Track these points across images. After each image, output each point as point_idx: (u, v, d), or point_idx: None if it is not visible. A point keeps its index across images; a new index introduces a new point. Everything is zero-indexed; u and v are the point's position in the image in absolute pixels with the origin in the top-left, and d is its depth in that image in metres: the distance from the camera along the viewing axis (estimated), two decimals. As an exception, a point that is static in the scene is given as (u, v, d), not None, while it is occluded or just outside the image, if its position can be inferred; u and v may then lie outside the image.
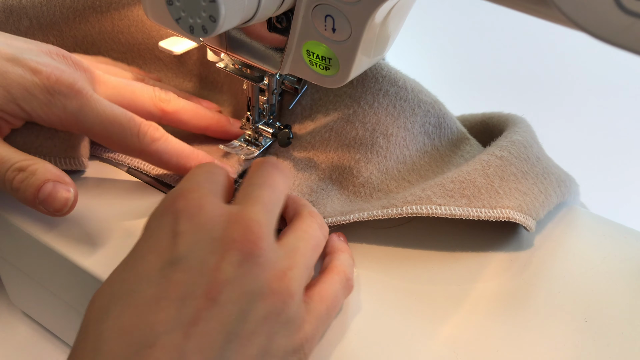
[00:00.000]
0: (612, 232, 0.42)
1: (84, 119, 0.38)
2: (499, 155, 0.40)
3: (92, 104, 0.38)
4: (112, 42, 0.50)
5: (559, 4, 0.24)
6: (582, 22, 0.24)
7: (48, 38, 0.48)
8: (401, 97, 0.44)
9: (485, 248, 0.40)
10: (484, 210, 0.37)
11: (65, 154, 0.41)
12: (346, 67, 0.36)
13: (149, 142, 0.39)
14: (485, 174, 0.39)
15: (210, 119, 0.45)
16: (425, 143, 0.45)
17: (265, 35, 0.38)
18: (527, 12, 0.30)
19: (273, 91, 0.44)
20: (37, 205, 0.36)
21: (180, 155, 0.41)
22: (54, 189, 0.35)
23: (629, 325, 0.35)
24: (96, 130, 0.38)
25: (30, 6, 0.46)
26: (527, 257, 0.39)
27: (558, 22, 0.28)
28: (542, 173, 0.41)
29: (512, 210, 0.38)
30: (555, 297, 0.37)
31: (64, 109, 0.37)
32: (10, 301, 0.50)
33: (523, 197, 0.39)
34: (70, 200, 0.36)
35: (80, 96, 0.37)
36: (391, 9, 0.35)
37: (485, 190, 0.38)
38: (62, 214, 0.36)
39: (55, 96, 0.37)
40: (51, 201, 0.35)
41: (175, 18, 0.32)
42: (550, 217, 0.43)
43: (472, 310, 0.35)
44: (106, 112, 0.38)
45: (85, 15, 0.48)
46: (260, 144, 0.45)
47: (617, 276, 0.38)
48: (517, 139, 0.42)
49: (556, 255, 0.40)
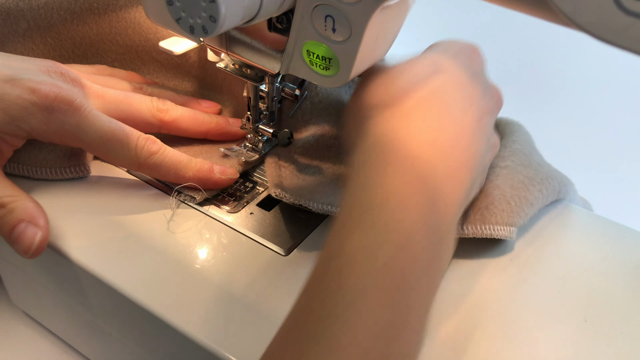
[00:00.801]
0: (612, 232, 0.42)
1: (82, 134, 0.38)
2: (502, 165, 0.41)
3: (90, 119, 0.38)
4: (111, 44, 0.50)
5: (559, 4, 0.24)
6: (582, 22, 0.24)
7: (46, 40, 0.48)
8: None
9: (485, 248, 0.40)
10: (496, 227, 0.38)
11: (69, 163, 0.42)
12: (346, 67, 0.36)
13: (147, 156, 0.40)
14: (495, 185, 0.40)
15: (209, 123, 0.46)
16: None
17: (265, 35, 0.38)
18: (527, 12, 0.30)
19: (273, 98, 0.44)
20: (11, 244, 0.36)
21: (178, 167, 0.41)
22: (24, 230, 0.36)
23: (629, 325, 0.35)
24: (95, 145, 0.39)
25: (28, 9, 0.46)
26: (527, 257, 0.39)
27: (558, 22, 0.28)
28: (546, 178, 0.42)
29: (515, 230, 0.39)
30: (555, 297, 0.37)
31: (63, 125, 0.38)
32: (10, 301, 0.50)
33: (530, 208, 0.40)
34: (34, 244, 0.36)
35: (79, 113, 0.38)
36: (391, 9, 0.35)
37: (498, 202, 0.39)
38: (28, 257, 0.36)
39: (53, 114, 0.37)
40: (19, 242, 0.36)
41: (176, 18, 0.32)
42: (550, 218, 0.43)
43: (472, 310, 0.35)
44: (104, 127, 0.39)
45: (83, 17, 0.48)
46: (260, 150, 0.45)
47: (617, 276, 0.38)
48: (517, 148, 0.43)
49: (556, 255, 0.40)
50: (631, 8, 0.23)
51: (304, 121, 0.46)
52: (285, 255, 0.38)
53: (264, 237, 0.40)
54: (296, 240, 0.39)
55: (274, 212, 0.42)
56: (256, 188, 0.44)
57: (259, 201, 0.43)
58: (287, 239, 0.39)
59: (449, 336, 0.34)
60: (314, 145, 0.45)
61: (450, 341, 0.34)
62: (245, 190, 0.44)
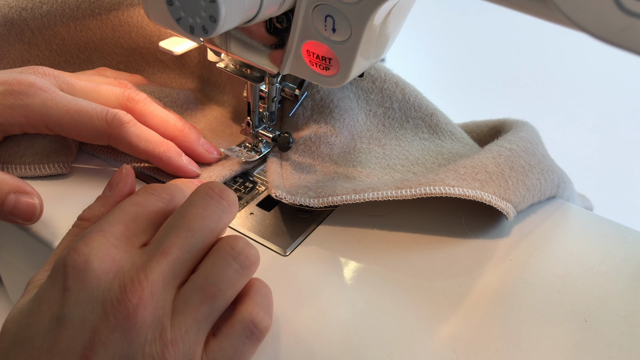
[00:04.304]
0: (612, 232, 0.42)
1: (48, 112, 0.39)
2: (508, 147, 0.42)
3: (55, 97, 0.39)
4: (115, 47, 0.51)
5: (559, 4, 0.24)
6: (582, 22, 0.24)
7: (51, 47, 0.49)
8: (389, 117, 0.47)
9: (485, 248, 0.40)
10: (494, 197, 0.38)
11: (47, 160, 0.42)
12: (346, 67, 0.36)
13: (118, 124, 0.40)
14: (496, 162, 0.40)
15: (178, 130, 0.43)
16: (424, 145, 0.47)
17: (265, 35, 0.38)
18: (527, 12, 0.30)
19: (273, 99, 0.44)
20: (3, 218, 0.36)
21: (149, 141, 0.41)
22: (17, 200, 0.36)
23: (629, 325, 0.35)
24: (63, 122, 0.39)
25: (31, 18, 0.47)
26: (527, 256, 0.39)
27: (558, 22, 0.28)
28: (546, 170, 0.43)
29: (514, 208, 0.39)
30: (555, 297, 0.37)
31: (28, 107, 0.39)
32: (10, 301, 0.50)
33: (526, 192, 0.41)
34: (37, 207, 0.37)
35: (41, 92, 0.39)
36: (391, 9, 0.35)
37: (497, 177, 0.40)
38: (32, 222, 0.37)
39: (17, 96, 0.38)
40: (18, 212, 0.36)
41: (176, 18, 0.32)
42: (550, 218, 0.43)
43: (472, 310, 0.35)
44: (70, 103, 0.39)
45: (85, 23, 0.49)
46: (260, 151, 0.45)
47: (617, 276, 0.38)
48: (524, 136, 0.44)
49: (556, 255, 0.40)
50: (631, 8, 0.23)
51: (305, 117, 0.46)
52: (285, 255, 0.38)
53: (264, 237, 0.40)
54: (296, 240, 0.39)
55: (274, 212, 0.42)
56: (256, 188, 0.44)
57: (259, 201, 0.43)
58: (287, 239, 0.39)
59: (449, 336, 0.34)
60: (316, 143, 0.45)
61: (450, 341, 0.34)
62: (245, 191, 0.44)
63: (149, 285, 0.28)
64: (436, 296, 0.36)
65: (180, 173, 0.42)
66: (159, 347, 0.28)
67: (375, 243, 0.40)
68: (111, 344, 0.27)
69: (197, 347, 0.29)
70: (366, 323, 0.34)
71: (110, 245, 0.29)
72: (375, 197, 0.38)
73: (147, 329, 0.28)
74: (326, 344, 0.33)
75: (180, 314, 0.29)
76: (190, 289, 0.29)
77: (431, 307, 0.35)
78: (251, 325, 0.30)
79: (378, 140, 0.46)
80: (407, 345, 0.33)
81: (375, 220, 0.41)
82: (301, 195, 0.40)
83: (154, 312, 0.28)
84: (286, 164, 0.44)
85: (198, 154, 0.43)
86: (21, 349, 0.28)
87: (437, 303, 0.36)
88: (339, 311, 0.35)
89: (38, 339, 0.28)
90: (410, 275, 0.37)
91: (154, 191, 0.33)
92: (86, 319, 0.28)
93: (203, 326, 0.29)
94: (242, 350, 0.30)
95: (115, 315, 0.27)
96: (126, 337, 0.27)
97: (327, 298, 0.36)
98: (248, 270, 0.31)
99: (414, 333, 0.34)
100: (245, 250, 0.31)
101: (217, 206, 0.31)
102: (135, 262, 0.29)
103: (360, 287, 0.36)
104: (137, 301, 0.27)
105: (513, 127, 0.46)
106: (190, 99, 0.51)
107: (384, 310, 0.35)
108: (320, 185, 0.42)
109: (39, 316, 0.29)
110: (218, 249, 0.31)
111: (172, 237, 0.30)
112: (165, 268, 0.29)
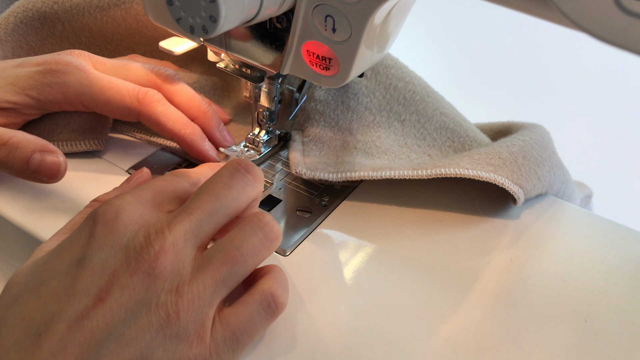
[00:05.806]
0: (612, 232, 0.42)
1: (83, 89, 0.41)
2: (521, 139, 0.43)
3: (90, 76, 0.41)
4: (139, 37, 0.52)
5: (559, 4, 0.24)
6: (582, 22, 0.24)
7: (81, 39, 0.51)
8: (410, 90, 0.47)
9: (486, 248, 0.40)
10: (507, 181, 0.40)
11: (83, 137, 0.44)
12: (346, 67, 0.36)
13: (148, 102, 0.42)
14: (510, 150, 0.42)
15: (201, 112, 0.44)
16: (444, 121, 0.47)
17: (265, 35, 0.38)
18: (527, 12, 0.30)
19: (273, 98, 0.44)
20: (28, 176, 0.38)
21: (177, 121, 0.42)
22: (42, 158, 0.38)
23: (629, 325, 0.35)
24: (97, 99, 0.41)
25: (62, 10, 0.49)
26: (527, 256, 0.39)
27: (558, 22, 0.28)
28: (557, 165, 0.45)
29: (524, 195, 0.41)
30: (555, 297, 0.37)
31: (65, 85, 0.41)
32: (10, 301, 0.50)
33: (538, 182, 0.42)
34: (62, 165, 0.38)
35: (78, 71, 0.41)
36: (391, 9, 0.35)
37: (510, 164, 0.41)
38: (57, 180, 0.38)
39: (55, 75, 0.40)
40: (43, 170, 0.38)
41: (176, 18, 0.32)
42: (550, 218, 0.43)
43: (472, 310, 0.35)
44: (104, 81, 0.41)
45: (110, 13, 0.50)
46: (260, 151, 0.46)
47: (617, 276, 0.38)
48: (537, 131, 0.45)
49: (556, 255, 0.40)
50: (631, 8, 0.23)
51: (304, 118, 0.47)
52: (285, 255, 0.38)
53: (264, 237, 0.40)
54: (296, 240, 0.39)
55: (274, 212, 0.42)
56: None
57: (260, 201, 0.43)
58: (287, 239, 0.39)
59: (449, 336, 0.34)
60: (334, 119, 0.46)
61: (450, 341, 0.34)
62: (245, 190, 0.44)
63: (171, 236, 0.29)
64: (436, 296, 0.36)
65: (201, 157, 0.43)
66: (174, 297, 0.28)
67: (375, 244, 0.40)
68: (128, 288, 0.28)
69: (210, 308, 0.29)
70: (366, 323, 0.34)
71: (139, 204, 0.31)
72: (393, 175, 0.40)
73: (165, 277, 0.28)
74: (326, 344, 0.33)
75: (200, 272, 0.29)
76: (214, 250, 0.30)
77: (431, 307, 0.35)
78: (270, 297, 0.31)
79: (398, 114, 0.47)
80: (407, 345, 0.33)
81: (375, 221, 0.41)
82: (321, 170, 0.42)
83: (174, 262, 0.29)
84: (307, 141, 0.45)
85: (214, 139, 0.45)
86: (32, 293, 0.28)
87: (437, 303, 0.36)
88: (339, 311, 0.35)
89: (54, 282, 0.28)
90: (411, 276, 0.37)
91: (180, 174, 0.35)
92: (107, 263, 0.28)
93: (220, 289, 0.30)
94: (255, 321, 0.31)
95: (137, 259, 0.28)
96: (144, 282, 0.28)
97: (327, 298, 0.36)
98: (271, 243, 0.32)
99: (414, 333, 0.34)
100: (271, 223, 0.32)
101: (242, 178, 0.32)
102: (161, 219, 0.30)
103: (361, 286, 0.36)
104: (159, 248, 0.28)
105: (522, 128, 0.47)
106: (217, 87, 0.52)
107: (384, 310, 0.35)
108: (340, 161, 0.43)
109: (59, 262, 0.29)
110: (246, 220, 0.32)
111: (197, 200, 0.31)
112: (187, 226, 0.30)
